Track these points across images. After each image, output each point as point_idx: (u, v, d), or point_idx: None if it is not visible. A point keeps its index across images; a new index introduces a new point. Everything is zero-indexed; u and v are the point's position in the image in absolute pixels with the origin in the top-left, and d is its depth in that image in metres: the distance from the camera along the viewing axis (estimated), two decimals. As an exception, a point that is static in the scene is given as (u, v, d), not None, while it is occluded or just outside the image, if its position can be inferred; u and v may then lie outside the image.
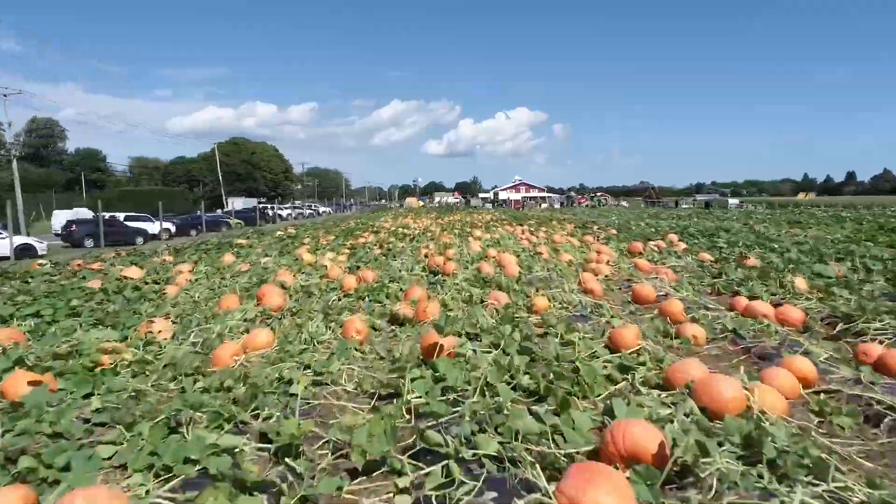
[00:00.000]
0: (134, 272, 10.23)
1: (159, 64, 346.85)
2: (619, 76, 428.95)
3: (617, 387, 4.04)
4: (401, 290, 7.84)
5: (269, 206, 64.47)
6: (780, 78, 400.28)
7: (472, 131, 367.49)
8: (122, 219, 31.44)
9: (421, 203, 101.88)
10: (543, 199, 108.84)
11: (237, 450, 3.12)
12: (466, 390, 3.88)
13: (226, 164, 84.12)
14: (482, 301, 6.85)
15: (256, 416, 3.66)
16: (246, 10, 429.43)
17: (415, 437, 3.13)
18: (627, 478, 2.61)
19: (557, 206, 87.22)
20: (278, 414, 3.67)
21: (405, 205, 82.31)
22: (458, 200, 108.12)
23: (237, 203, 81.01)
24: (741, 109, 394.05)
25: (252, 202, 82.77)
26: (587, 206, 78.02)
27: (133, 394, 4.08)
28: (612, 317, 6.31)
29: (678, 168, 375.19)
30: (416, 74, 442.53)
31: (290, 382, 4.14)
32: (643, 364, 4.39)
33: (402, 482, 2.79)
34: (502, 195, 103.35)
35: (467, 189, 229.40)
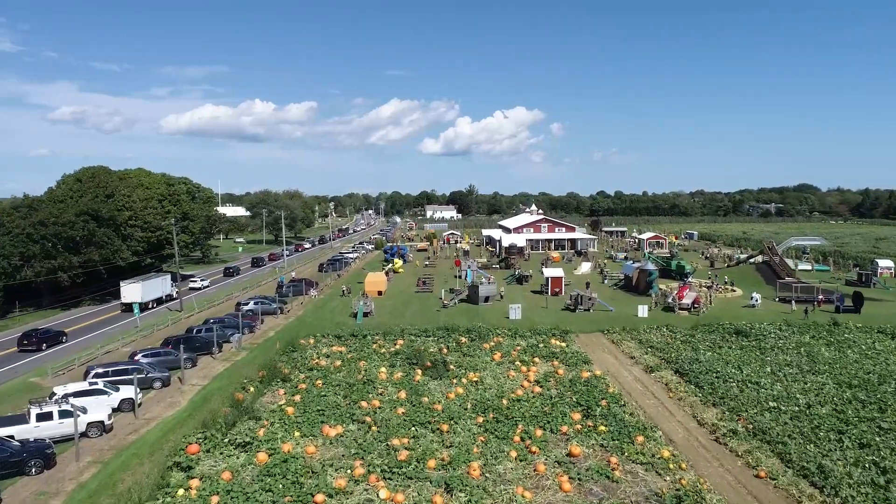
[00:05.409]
0: None
1: (158, 62, 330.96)
2: (620, 75, 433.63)
3: None
4: None
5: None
6: (781, 80, 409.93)
7: (470, 130, 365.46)
8: None
9: (398, 263, 72.07)
10: (574, 245, 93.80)
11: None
12: None
13: (43, 223, 50.06)
14: None
15: None
16: (247, 7, 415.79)
17: None
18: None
19: (615, 269, 65.81)
20: None
21: (363, 291, 55.06)
22: (454, 242, 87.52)
23: (130, 291, 47.42)
24: (743, 112, 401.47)
25: (161, 284, 53.43)
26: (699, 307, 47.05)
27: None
28: None
29: (679, 168, 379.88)
30: (416, 73, 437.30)
31: None
32: None
33: None
34: (517, 239, 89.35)
35: (463, 200, 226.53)
